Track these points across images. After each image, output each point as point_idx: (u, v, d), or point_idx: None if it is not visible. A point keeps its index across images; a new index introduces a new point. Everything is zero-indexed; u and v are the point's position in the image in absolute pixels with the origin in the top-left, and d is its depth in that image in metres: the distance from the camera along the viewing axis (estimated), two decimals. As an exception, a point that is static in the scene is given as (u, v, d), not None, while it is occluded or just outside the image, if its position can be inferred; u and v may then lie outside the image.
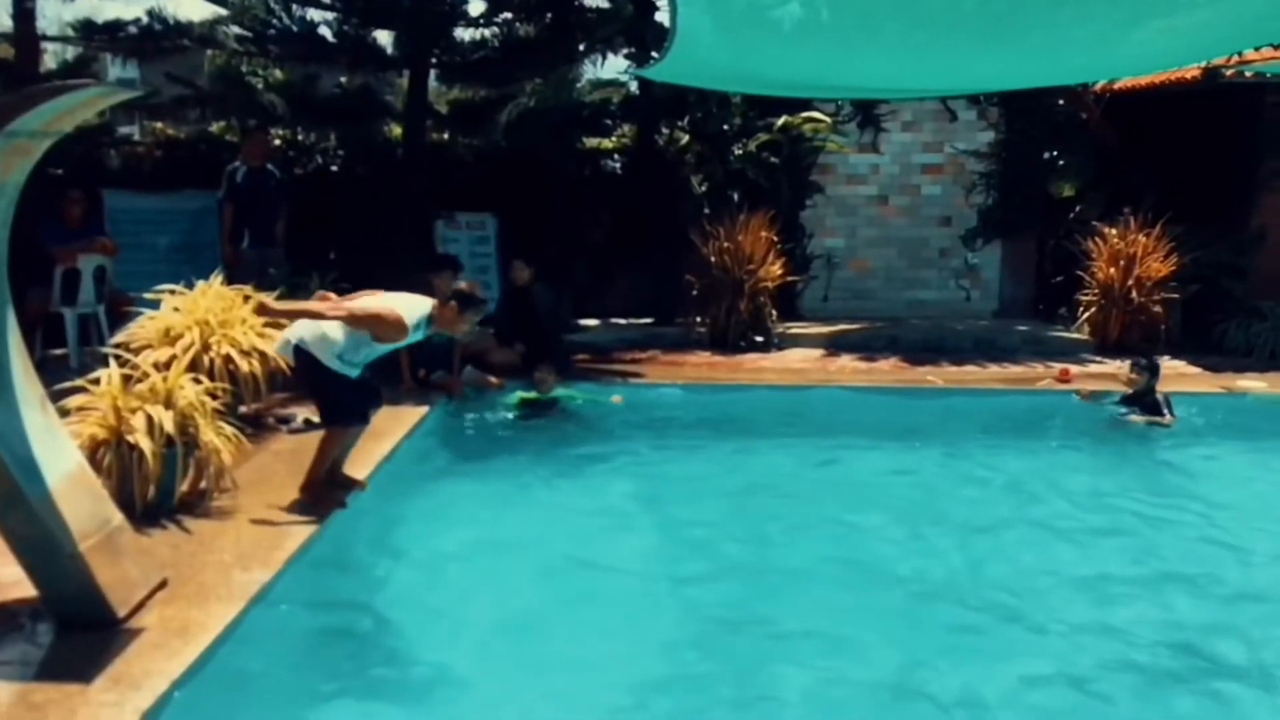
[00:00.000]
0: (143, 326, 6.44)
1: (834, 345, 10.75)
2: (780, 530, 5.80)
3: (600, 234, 11.38)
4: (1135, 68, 8.60)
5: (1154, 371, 7.93)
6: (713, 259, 10.55)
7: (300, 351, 5.46)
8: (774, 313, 10.91)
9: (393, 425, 7.21)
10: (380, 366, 8.50)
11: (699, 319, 10.86)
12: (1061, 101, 11.72)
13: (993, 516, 6.10)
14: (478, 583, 5.01)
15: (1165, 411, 7.77)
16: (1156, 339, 10.56)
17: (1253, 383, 9.07)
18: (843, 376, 9.46)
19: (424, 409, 7.71)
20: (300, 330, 5.46)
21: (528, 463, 6.91)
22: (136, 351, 5.96)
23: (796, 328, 11.18)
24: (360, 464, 6.20)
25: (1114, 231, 10.71)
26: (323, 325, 5.38)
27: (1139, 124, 11.75)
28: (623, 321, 11.58)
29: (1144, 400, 7.87)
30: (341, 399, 5.53)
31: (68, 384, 5.28)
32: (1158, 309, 10.53)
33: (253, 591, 4.43)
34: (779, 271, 10.78)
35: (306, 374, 5.57)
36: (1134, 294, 10.48)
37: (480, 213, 11.16)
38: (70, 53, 11.46)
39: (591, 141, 11.99)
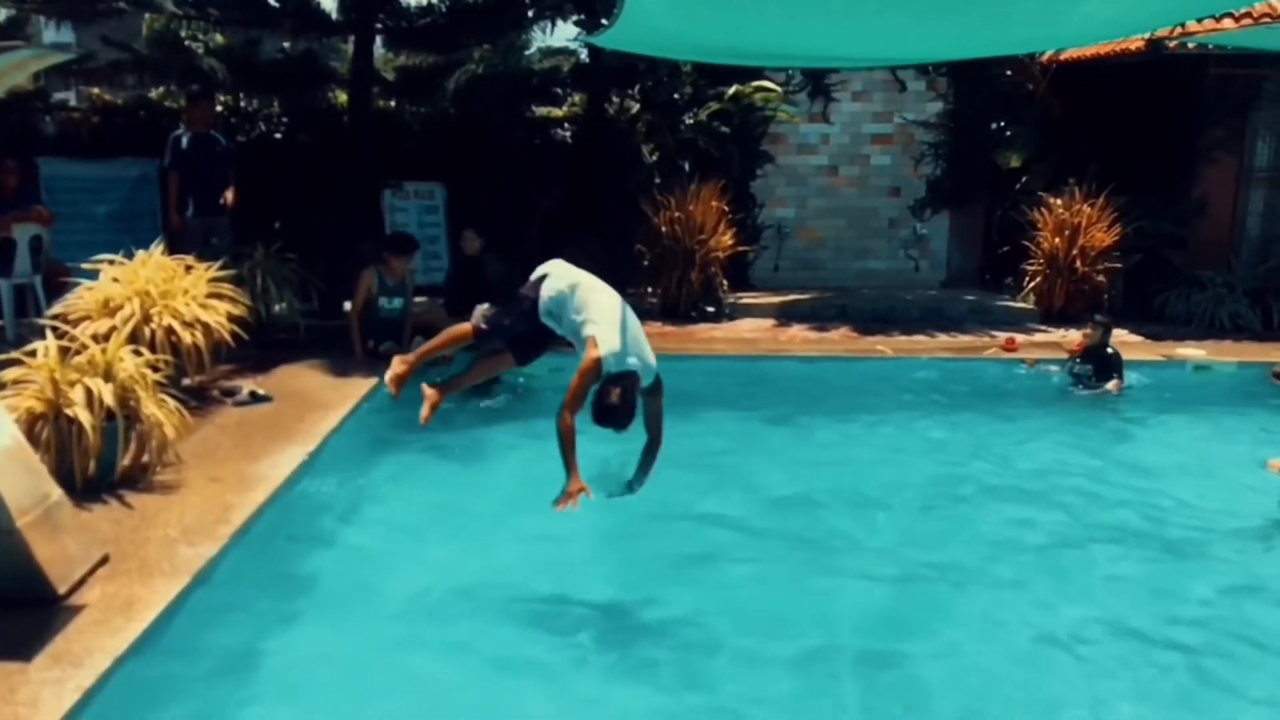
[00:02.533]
0: (81, 297, 6.29)
1: (784, 315, 10.80)
2: (735, 498, 5.86)
3: (550, 203, 11.30)
4: (1081, 38, 8.67)
5: (1108, 329, 8.17)
6: (664, 229, 10.52)
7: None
8: (725, 283, 10.93)
9: (341, 397, 7.15)
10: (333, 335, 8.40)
11: (650, 289, 10.84)
12: (1009, 72, 11.80)
13: (943, 481, 6.23)
14: (427, 554, 4.99)
15: (1114, 375, 7.96)
16: (1100, 308, 10.73)
17: (1192, 350, 9.27)
18: (793, 346, 9.52)
19: (373, 380, 7.62)
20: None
21: (476, 434, 6.88)
22: (74, 323, 5.84)
23: (747, 298, 11.21)
24: (308, 436, 6.15)
25: (1059, 202, 10.85)
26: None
27: (1084, 95, 11.88)
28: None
29: (1096, 355, 8.04)
30: (513, 327, 4.81)
31: (3, 356, 5.17)
32: (1101, 278, 10.70)
33: (198, 566, 4.37)
34: (730, 241, 10.78)
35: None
36: (1078, 264, 10.63)
37: (429, 182, 11.02)
38: (2, 15, 11.09)
39: (541, 110, 11.86)
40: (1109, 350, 8.09)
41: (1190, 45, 9.95)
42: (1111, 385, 7.91)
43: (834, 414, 7.54)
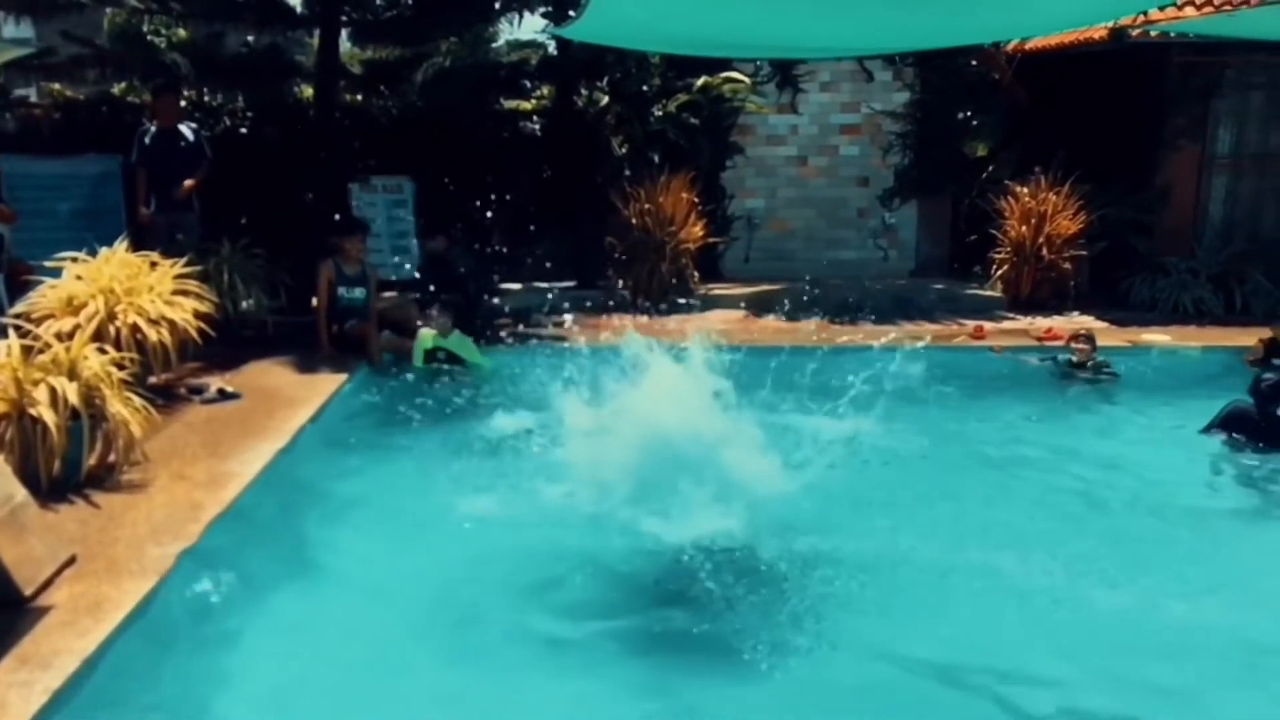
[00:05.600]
0: (44, 295, 6.22)
1: (756, 306, 10.82)
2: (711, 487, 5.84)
3: (520, 196, 11.26)
4: (1045, 27, 8.74)
5: (1093, 343, 8.29)
6: (634, 220, 10.52)
7: None
8: (696, 274, 10.94)
9: (311, 393, 7.10)
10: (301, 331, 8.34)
11: (621, 281, 10.84)
12: (974, 62, 11.87)
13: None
14: (405, 547, 4.97)
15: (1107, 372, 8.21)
16: (1066, 295, 10.85)
17: (1157, 336, 9.40)
18: (765, 336, 9.54)
19: (342, 376, 7.59)
20: None
21: (449, 429, 6.82)
22: (38, 321, 5.79)
23: (718, 289, 11.23)
24: (278, 432, 6.10)
25: (1025, 190, 10.94)
26: None
27: (1049, 84, 11.97)
28: (544, 285, 11.50)
29: (1089, 368, 8.21)
30: None
31: (-36, 356, 5.08)
32: (1067, 265, 10.80)
33: (167, 565, 4.32)
34: (700, 233, 10.79)
35: None
36: (1044, 251, 10.73)
37: (397, 176, 10.95)
38: (-41, 10, 10.93)
39: (510, 103, 11.82)
40: (1098, 359, 8.23)
41: (1153, 34, 10.05)
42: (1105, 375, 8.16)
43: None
